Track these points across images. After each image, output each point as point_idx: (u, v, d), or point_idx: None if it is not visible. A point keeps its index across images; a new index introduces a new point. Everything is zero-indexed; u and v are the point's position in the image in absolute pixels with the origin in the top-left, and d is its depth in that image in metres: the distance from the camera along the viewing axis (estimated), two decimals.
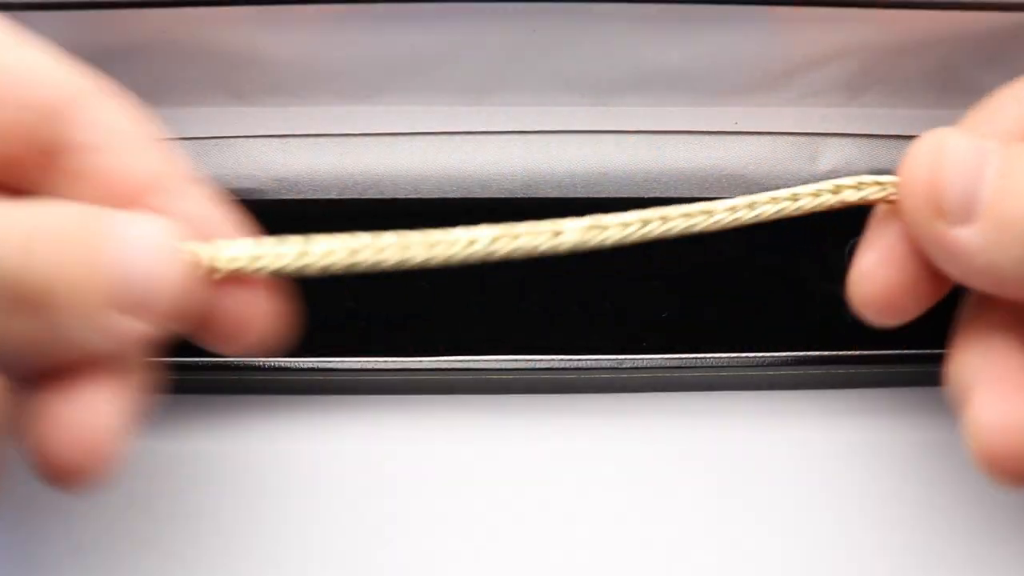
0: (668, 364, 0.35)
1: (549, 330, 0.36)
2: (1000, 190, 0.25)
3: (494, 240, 0.30)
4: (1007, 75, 0.37)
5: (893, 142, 0.39)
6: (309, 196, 0.39)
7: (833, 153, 0.39)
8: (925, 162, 0.26)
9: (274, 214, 0.38)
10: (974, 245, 0.26)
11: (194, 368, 0.35)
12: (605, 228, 0.29)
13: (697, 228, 0.30)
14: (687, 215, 0.30)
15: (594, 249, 0.29)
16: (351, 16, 0.35)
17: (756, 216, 0.31)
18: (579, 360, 0.35)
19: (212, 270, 0.27)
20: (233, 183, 0.38)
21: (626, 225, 0.30)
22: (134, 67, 0.37)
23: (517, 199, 0.39)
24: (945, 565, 0.35)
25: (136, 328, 0.24)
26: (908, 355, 0.36)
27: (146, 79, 0.37)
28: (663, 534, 0.35)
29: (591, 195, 0.39)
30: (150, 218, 0.24)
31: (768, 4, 0.34)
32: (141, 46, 0.36)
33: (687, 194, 0.39)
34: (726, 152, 0.39)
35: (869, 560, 0.35)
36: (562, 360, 0.35)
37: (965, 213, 0.26)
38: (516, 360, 0.35)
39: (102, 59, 0.36)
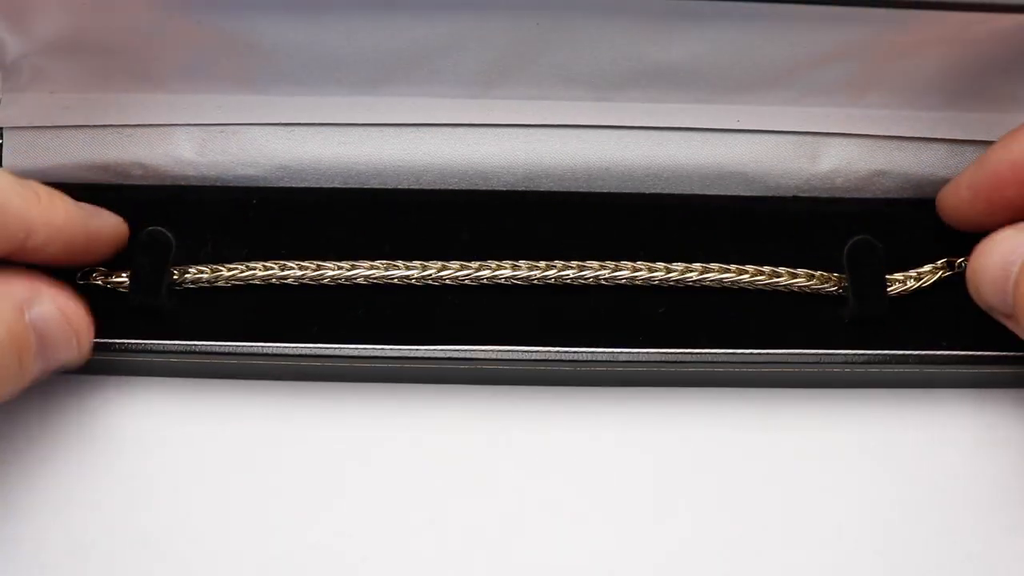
0: (663, 359, 0.35)
1: (546, 323, 0.36)
2: (1018, 304, 0.33)
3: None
4: (1010, 75, 0.37)
5: (895, 142, 0.39)
6: (312, 184, 0.39)
7: (835, 153, 0.39)
8: (972, 280, 0.35)
9: (277, 202, 0.39)
10: (1019, 330, 0.34)
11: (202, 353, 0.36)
12: None
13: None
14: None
15: None
16: (356, 7, 0.35)
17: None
18: (575, 353, 0.35)
19: None
20: (237, 170, 0.39)
21: None
22: (142, 54, 0.37)
23: (518, 192, 0.39)
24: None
25: None
26: (902, 356, 0.36)
27: (153, 66, 0.38)
28: (656, 526, 0.36)
29: (592, 189, 0.39)
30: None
31: (772, 2, 0.34)
32: (147, 34, 0.36)
33: (688, 191, 0.39)
34: (728, 150, 0.39)
35: (858, 560, 0.35)
36: (558, 352, 0.35)
37: (1004, 315, 0.34)
38: (512, 351, 0.35)
39: (111, 47, 0.37)
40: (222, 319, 0.36)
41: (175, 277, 0.36)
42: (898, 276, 0.36)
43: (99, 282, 0.36)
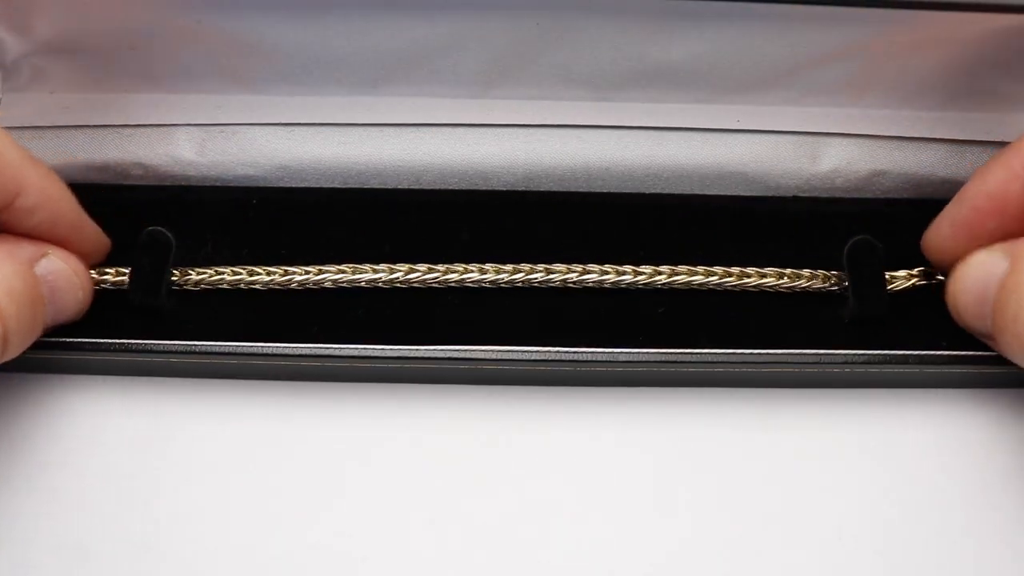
0: (663, 359, 0.35)
1: (546, 323, 0.36)
2: (997, 327, 0.33)
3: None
4: (1010, 76, 0.37)
5: (895, 143, 0.39)
6: (312, 184, 0.39)
7: (835, 153, 0.39)
8: (952, 304, 0.35)
9: (277, 202, 0.39)
10: (998, 348, 0.34)
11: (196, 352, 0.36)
12: None
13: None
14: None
15: None
16: (356, 7, 0.35)
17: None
18: (575, 353, 0.35)
19: None
20: (237, 170, 0.39)
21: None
22: (142, 54, 0.37)
23: (518, 192, 0.39)
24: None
25: None
26: (902, 356, 0.36)
27: (153, 66, 0.38)
28: (656, 526, 0.36)
29: (592, 189, 0.39)
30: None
31: (772, 1, 0.34)
32: (147, 34, 0.36)
33: (687, 191, 0.39)
34: (728, 150, 0.39)
35: (858, 560, 0.35)
36: (558, 352, 0.35)
37: (986, 336, 0.35)
38: (512, 351, 0.35)
39: (111, 47, 0.37)
40: (222, 319, 0.36)
41: (175, 277, 0.36)
42: (899, 275, 0.36)
43: (100, 285, 0.36)
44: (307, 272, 0.36)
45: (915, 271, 0.36)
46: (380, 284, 0.36)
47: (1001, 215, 0.34)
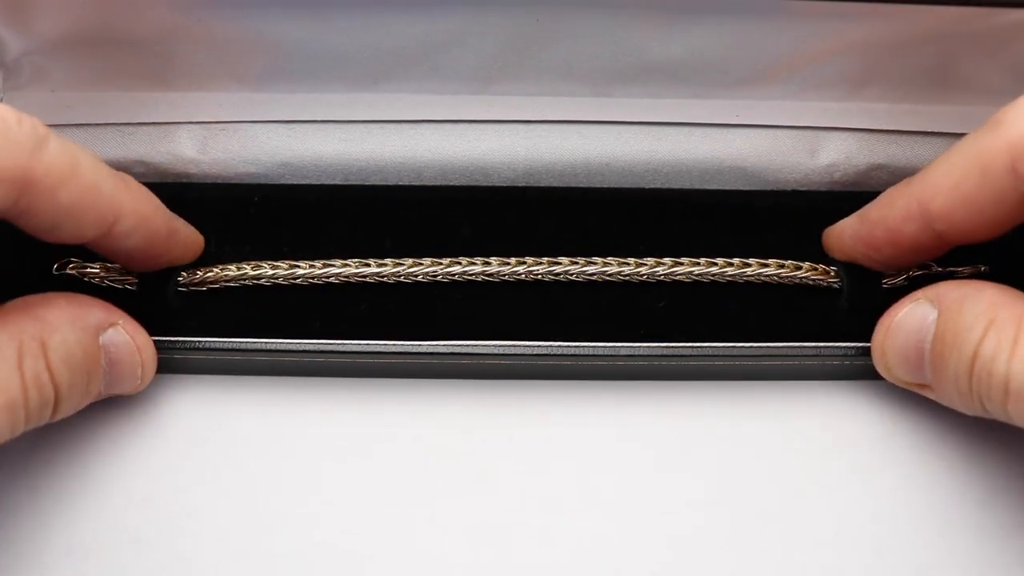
0: (664, 352, 0.36)
1: (547, 318, 0.36)
2: (938, 380, 0.33)
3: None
4: (1008, 71, 0.37)
5: (893, 137, 0.39)
6: (313, 182, 0.39)
7: (833, 147, 0.39)
8: (880, 359, 0.35)
9: (278, 199, 0.39)
10: (936, 397, 0.34)
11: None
12: None
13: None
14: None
15: None
16: (356, 4, 0.35)
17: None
18: (577, 347, 0.35)
19: None
20: (238, 168, 0.39)
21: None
22: (143, 52, 0.37)
23: (519, 187, 0.39)
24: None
25: None
26: None
27: (154, 64, 0.38)
28: (658, 521, 0.36)
29: (592, 185, 0.39)
30: None
31: None
32: (148, 32, 0.36)
33: (687, 185, 0.39)
34: (727, 144, 0.39)
35: (860, 559, 0.35)
36: (559, 347, 0.35)
37: (914, 386, 0.35)
38: (514, 346, 0.35)
39: (112, 45, 0.37)
40: (225, 315, 0.36)
41: (181, 277, 0.36)
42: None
43: (106, 282, 0.36)
44: (310, 267, 0.36)
45: None
46: (382, 279, 0.36)
47: (895, 247, 0.34)
